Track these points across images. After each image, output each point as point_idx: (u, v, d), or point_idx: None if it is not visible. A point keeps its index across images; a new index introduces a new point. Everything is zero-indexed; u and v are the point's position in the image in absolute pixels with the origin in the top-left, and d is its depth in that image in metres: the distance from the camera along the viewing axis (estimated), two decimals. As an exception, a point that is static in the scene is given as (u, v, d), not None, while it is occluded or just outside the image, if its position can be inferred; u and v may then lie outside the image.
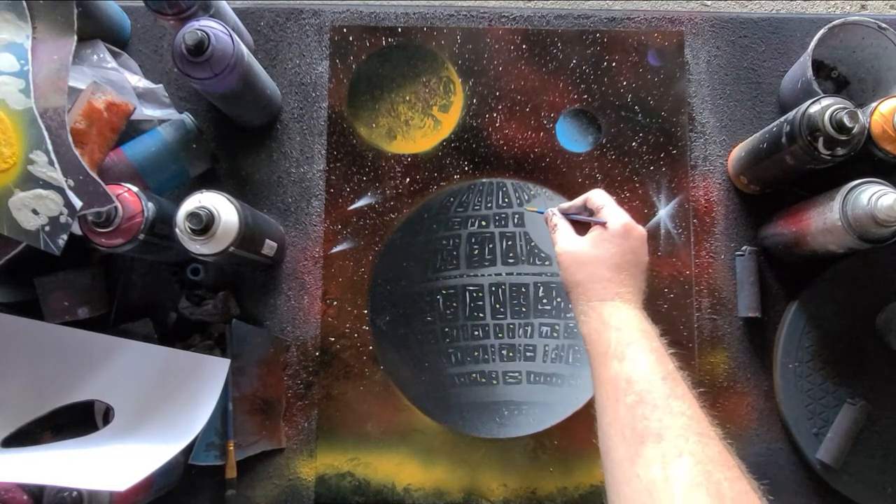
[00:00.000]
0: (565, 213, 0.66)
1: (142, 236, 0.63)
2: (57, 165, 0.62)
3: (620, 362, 0.54)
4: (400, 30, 0.83)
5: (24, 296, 0.72)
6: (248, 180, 0.80)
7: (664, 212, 0.80)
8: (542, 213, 0.68)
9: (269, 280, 0.79)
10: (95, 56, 0.74)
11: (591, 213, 0.65)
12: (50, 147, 0.62)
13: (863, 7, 1.67)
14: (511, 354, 0.78)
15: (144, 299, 0.77)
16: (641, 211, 0.80)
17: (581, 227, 0.65)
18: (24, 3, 0.64)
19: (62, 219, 0.62)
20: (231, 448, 0.73)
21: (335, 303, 0.79)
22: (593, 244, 0.62)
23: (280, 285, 0.79)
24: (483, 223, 0.80)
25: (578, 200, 0.66)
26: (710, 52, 0.83)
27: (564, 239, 0.64)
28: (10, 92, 0.62)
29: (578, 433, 0.76)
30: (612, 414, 0.53)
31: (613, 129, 0.81)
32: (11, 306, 0.72)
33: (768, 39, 0.83)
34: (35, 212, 0.62)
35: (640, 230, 0.62)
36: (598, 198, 0.64)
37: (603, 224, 0.62)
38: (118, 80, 0.73)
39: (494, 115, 0.82)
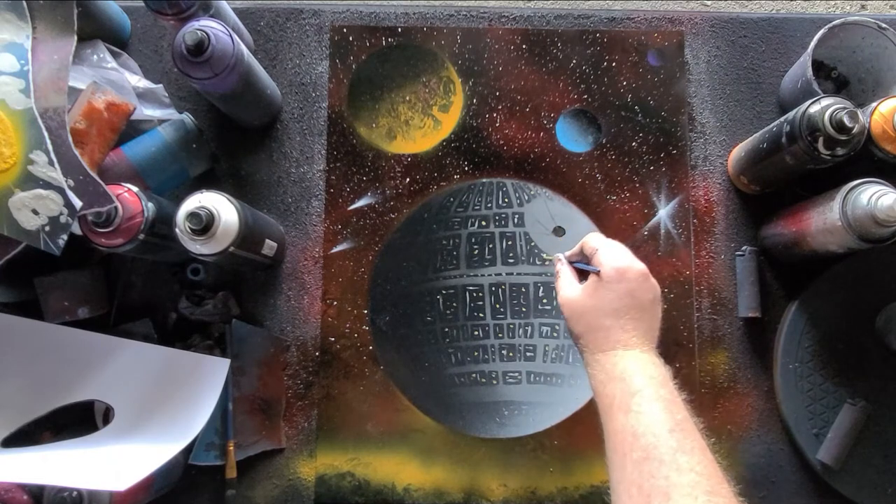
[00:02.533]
0: (571, 261, 0.65)
1: (142, 236, 0.63)
2: (57, 165, 0.62)
3: (626, 415, 0.52)
4: (400, 30, 0.83)
5: (24, 296, 0.72)
6: (248, 180, 0.80)
7: (664, 212, 0.80)
8: (556, 258, 0.67)
9: (269, 280, 0.79)
10: (95, 56, 0.74)
11: (588, 257, 0.62)
12: (50, 147, 0.62)
13: (863, 7, 1.67)
14: (511, 354, 0.78)
15: (144, 299, 0.77)
16: (641, 211, 0.80)
17: (584, 273, 0.63)
18: (24, 3, 0.64)
19: (62, 219, 0.62)
20: (231, 448, 0.73)
21: (335, 303, 0.79)
22: (589, 293, 0.59)
23: (280, 285, 0.79)
24: (483, 223, 0.80)
25: (578, 247, 0.64)
26: (710, 52, 0.83)
27: (564, 287, 0.62)
28: (10, 92, 0.62)
29: (578, 433, 0.76)
30: (620, 471, 0.51)
31: (613, 129, 0.81)
32: (11, 306, 0.72)
33: (768, 39, 0.83)
34: (35, 212, 0.62)
35: (636, 268, 0.59)
36: (592, 241, 0.62)
37: (597, 272, 0.59)
38: (118, 80, 0.73)
39: (494, 115, 0.82)
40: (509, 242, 0.79)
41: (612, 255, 0.60)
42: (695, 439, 0.50)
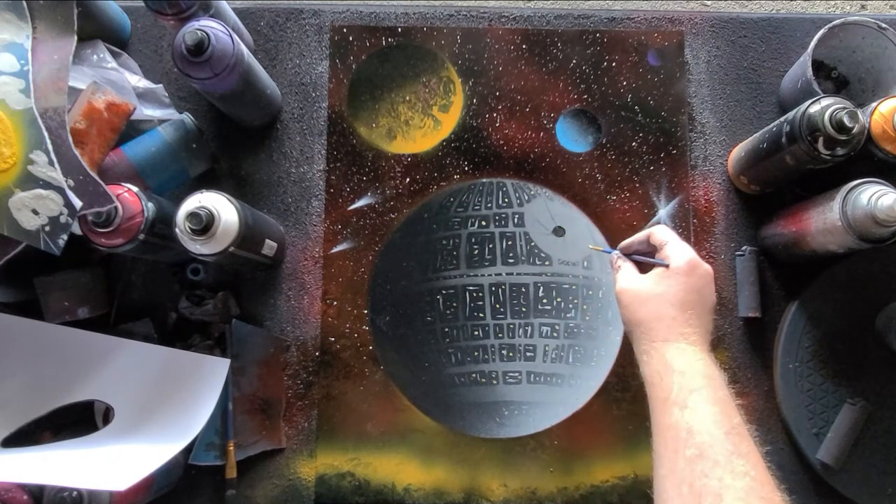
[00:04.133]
0: (628, 253, 0.65)
1: (142, 236, 0.63)
2: (57, 165, 0.62)
3: (682, 410, 0.51)
4: (400, 30, 0.83)
5: (24, 296, 0.72)
6: (248, 180, 0.80)
7: (664, 212, 0.80)
8: (609, 252, 0.68)
9: (269, 280, 0.79)
10: (95, 56, 0.74)
11: (654, 249, 0.63)
12: (50, 147, 0.62)
13: (863, 7, 1.67)
14: (511, 354, 0.78)
15: (144, 299, 0.77)
16: (641, 211, 0.80)
17: (644, 266, 0.63)
18: (24, 3, 0.64)
19: (62, 219, 0.62)
20: (231, 448, 0.73)
21: (335, 303, 0.79)
22: (656, 281, 0.59)
23: (280, 285, 0.79)
24: (483, 223, 0.80)
25: (641, 235, 0.64)
26: (710, 52, 0.83)
27: (626, 278, 0.62)
28: (10, 92, 0.62)
29: (578, 433, 0.76)
30: (670, 465, 0.50)
31: (613, 129, 0.81)
32: (11, 306, 0.72)
33: (768, 39, 0.83)
34: (35, 212, 0.62)
35: (706, 268, 0.60)
36: (661, 234, 0.62)
37: (666, 266, 0.59)
38: (118, 80, 0.73)
39: (494, 115, 0.82)
40: (509, 242, 0.79)
41: (684, 249, 0.60)
42: (750, 445, 0.50)
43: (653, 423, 0.54)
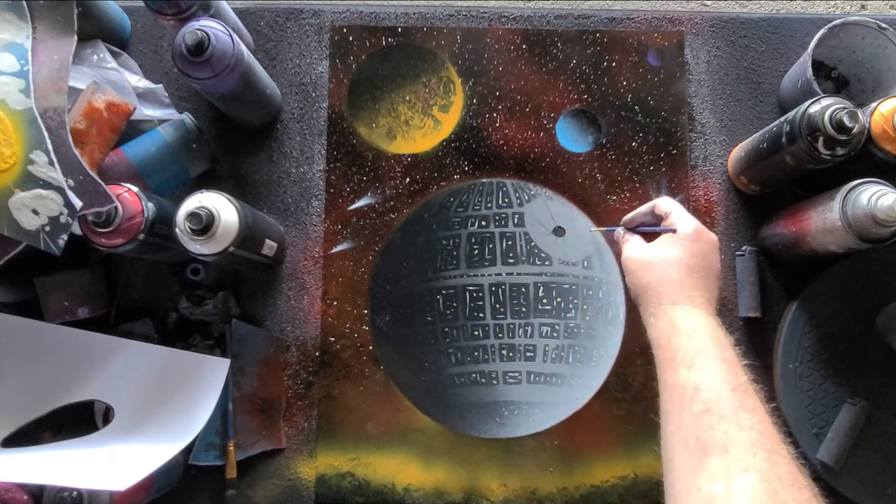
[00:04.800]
0: (632, 227, 0.67)
1: (142, 236, 0.63)
2: (57, 165, 0.62)
3: (689, 369, 0.52)
4: (400, 30, 0.83)
5: (24, 296, 0.72)
6: (248, 180, 0.80)
7: (664, 212, 0.80)
8: (613, 230, 0.70)
9: (269, 280, 0.79)
10: (95, 56, 0.74)
11: (659, 219, 0.64)
12: (50, 147, 0.62)
13: (863, 7, 1.67)
14: (511, 354, 0.78)
15: (144, 299, 0.77)
16: (641, 211, 0.80)
17: (649, 238, 0.65)
18: (24, 3, 0.64)
19: (62, 219, 0.62)
20: (231, 448, 0.73)
21: (335, 303, 0.79)
22: (663, 246, 0.61)
23: (280, 285, 0.79)
24: (483, 223, 0.80)
25: (644, 208, 0.65)
26: (710, 52, 0.83)
27: (632, 247, 0.63)
28: (10, 92, 0.62)
29: (578, 433, 0.76)
30: (677, 422, 0.50)
31: (613, 129, 0.81)
32: (11, 306, 0.72)
33: (768, 39, 0.83)
34: (35, 212, 0.62)
35: (711, 235, 0.61)
36: (665, 204, 0.64)
37: (673, 231, 0.61)
38: (118, 80, 0.73)
39: (494, 115, 0.82)
40: (509, 242, 0.79)
41: (689, 217, 0.62)
42: (756, 401, 0.50)
43: (660, 383, 0.54)
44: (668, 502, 0.49)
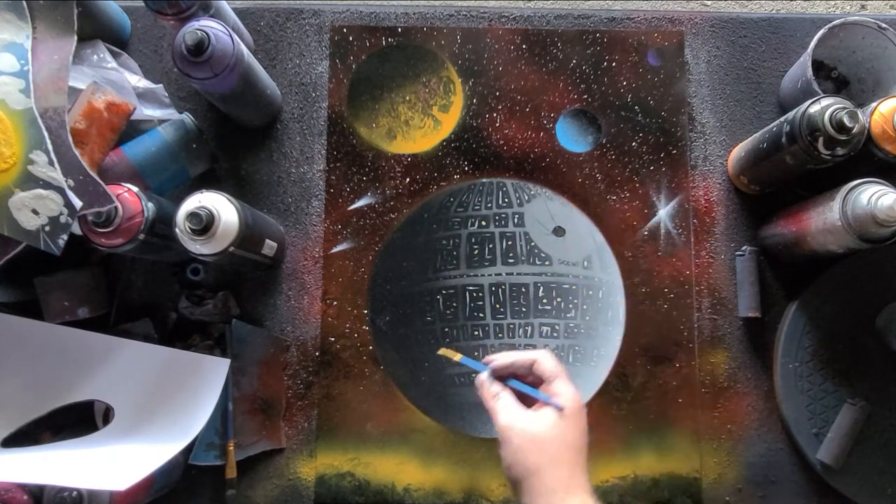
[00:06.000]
0: (502, 376, 0.57)
1: (142, 236, 0.63)
2: (57, 165, 0.62)
3: None
4: (400, 30, 0.83)
5: (24, 296, 0.72)
6: (248, 180, 0.80)
7: (664, 212, 0.80)
8: (479, 369, 0.58)
9: (269, 280, 0.79)
10: (95, 56, 0.74)
11: (539, 379, 0.56)
12: (50, 147, 0.62)
13: (863, 7, 1.67)
14: (511, 354, 0.77)
15: (144, 299, 0.77)
16: (641, 211, 0.80)
17: (523, 398, 0.56)
18: (24, 3, 0.64)
19: (62, 219, 0.62)
20: (231, 448, 0.73)
21: (335, 303, 0.79)
22: (551, 424, 0.53)
23: (280, 285, 0.79)
24: (483, 223, 0.80)
25: (522, 358, 0.56)
26: (710, 52, 0.83)
27: (511, 413, 0.54)
28: (10, 92, 0.62)
29: (578, 433, 0.76)
30: None
31: (613, 129, 0.81)
32: (11, 306, 0.72)
33: (768, 39, 0.83)
34: (35, 212, 0.62)
35: (583, 404, 0.55)
36: (548, 365, 0.56)
37: (560, 407, 0.54)
38: (118, 80, 0.73)
39: (494, 115, 0.82)
40: (509, 242, 0.79)
41: (571, 386, 0.55)
42: None
43: None
44: None
